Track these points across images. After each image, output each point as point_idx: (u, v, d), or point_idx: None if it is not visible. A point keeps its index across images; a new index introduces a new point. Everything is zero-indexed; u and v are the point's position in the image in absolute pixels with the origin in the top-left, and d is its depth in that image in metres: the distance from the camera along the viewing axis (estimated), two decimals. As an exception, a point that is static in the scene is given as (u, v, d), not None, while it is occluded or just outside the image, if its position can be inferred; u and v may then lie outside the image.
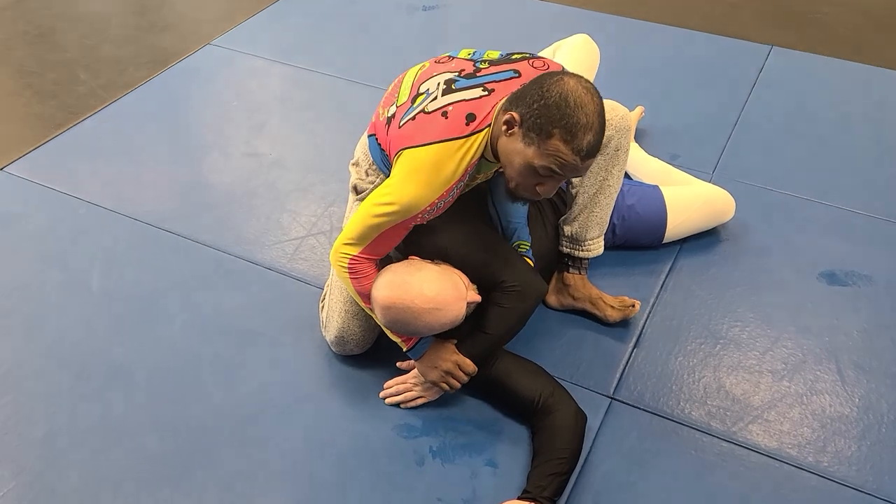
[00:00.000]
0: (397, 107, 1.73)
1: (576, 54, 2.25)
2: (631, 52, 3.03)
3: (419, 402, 1.79)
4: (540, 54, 2.38)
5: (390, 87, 1.85)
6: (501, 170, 1.66)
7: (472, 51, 1.78)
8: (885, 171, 2.47)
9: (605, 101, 1.87)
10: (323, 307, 1.93)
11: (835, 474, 1.67)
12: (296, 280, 2.12)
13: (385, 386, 1.83)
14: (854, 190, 2.39)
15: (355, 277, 1.68)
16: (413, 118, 1.65)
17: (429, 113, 1.63)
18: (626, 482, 1.66)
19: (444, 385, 1.74)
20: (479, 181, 1.79)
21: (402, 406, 1.80)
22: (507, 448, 1.73)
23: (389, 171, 1.82)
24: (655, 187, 2.13)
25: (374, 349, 1.89)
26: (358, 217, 1.67)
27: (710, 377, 1.87)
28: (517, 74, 1.66)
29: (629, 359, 1.91)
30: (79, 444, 1.75)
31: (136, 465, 1.71)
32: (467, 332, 1.75)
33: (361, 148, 1.98)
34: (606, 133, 1.81)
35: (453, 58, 1.76)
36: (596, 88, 1.51)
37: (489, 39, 3.14)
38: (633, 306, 1.94)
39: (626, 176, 2.36)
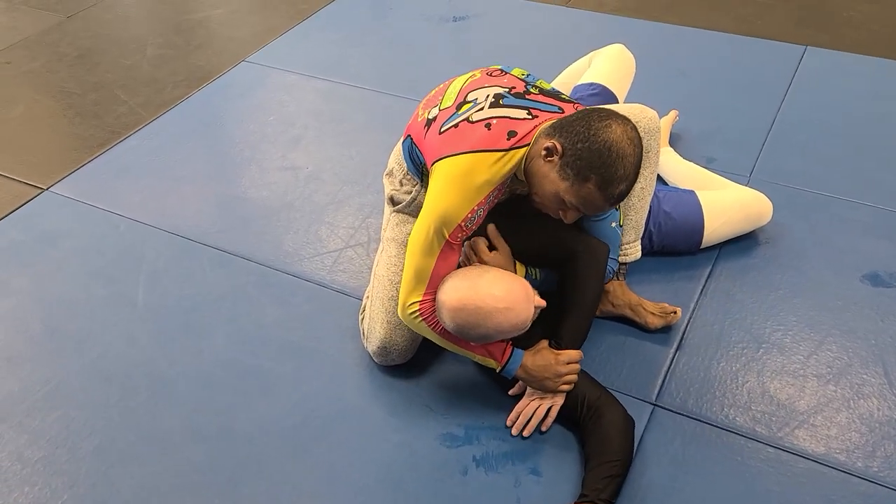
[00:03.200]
0: (440, 110, 1.75)
1: (611, 64, 2.25)
2: (663, 56, 3.02)
3: (554, 411, 1.75)
4: (575, 63, 2.40)
5: (434, 91, 1.86)
6: (525, 190, 1.67)
7: (525, 72, 1.80)
8: (926, 169, 2.43)
9: (632, 104, 1.88)
10: (363, 318, 1.95)
11: (885, 479, 1.64)
12: (335, 292, 2.14)
13: (509, 422, 1.77)
14: (894, 189, 2.35)
15: (429, 321, 1.68)
16: (456, 125, 1.67)
17: (473, 122, 1.65)
18: (671, 489, 1.65)
19: (564, 387, 1.72)
20: (503, 197, 1.79)
21: (543, 429, 1.75)
22: (550, 456, 1.72)
23: (421, 175, 1.83)
24: (691, 192, 2.12)
25: (415, 359, 1.90)
26: (407, 261, 1.68)
27: (753, 382, 1.85)
28: (561, 111, 1.68)
29: (671, 365, 1.90)
30: (128, 456, 1.78)
31: (184, 476, 1.73)
32: (539, 333, 1.75)
33: (395, 157, 2.00)
34: None
35: (506, 73, 1.78)
36: (639, 135, 1.57)
37: (521, 48, 3.16)
38: (675, 313, 1.93)
39: (662, 181, 2.35)
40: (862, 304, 2.02)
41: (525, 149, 1.62)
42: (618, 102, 2.23)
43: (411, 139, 1.84)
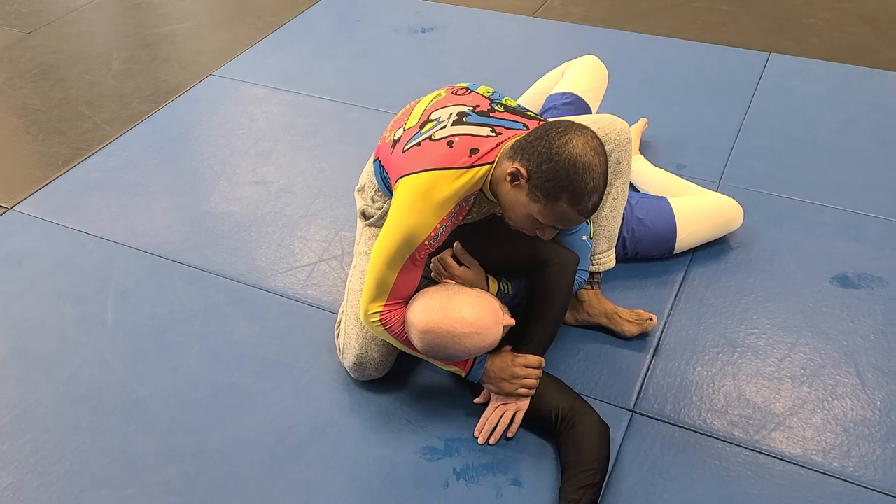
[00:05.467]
0: (404, 130, 1.75)
1: (585, 75, 2.27)
2: (631, 64, 3.05)
3: (518, 416, 1.75)
4: (548, 74, 2.41)
5: (400, 112, 1.86)
6: (499, 211, 1.67)
7: (491, 90, 1.80)
8: (889, 172, 2.48)
9: (603, 114, 1.89)
10: (339, 332, 1.93)
11: (861, 479, 1.66)
12: (310, 306, 2.12)
13: (476, 431, 1.77)
14: (860, 192, 2.40)
15: (391, 329, 1.69)
16: (418, 144, 1.67)
17: (435, 140, 1.65)
18: (651, 495, 1.65)
19: (522, 391, 1.73)
20: (472, 218, 1.78)
21: (508, 435, 1.76)
22: (531, 465, 1.72)
23: (392, 194, 1.83)
24: (663, 198, 2.14)
25: (392, 372, 1.89)
26: (369, 270, 1.68)
27: (729, 386, 1.87)
28: (525, 128, 1.68)
29: (648, 371, 1.91)
30: (101, 480, 1.74)
31: (158, 498, 1.70)
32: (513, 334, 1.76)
33: (367, 174, 2.00)
34: (606, 147, 1.82)
35: (471, 91, 1.78)
36: (600, 142, 1.56)
37: (490, 59, 3.17)
38: (651, 320, 1.94)
39: (634, 188, 2.37)
40: (832, 306, 2.05)
41: (488, 167, 1.61)
42: (591, 112, 2.25)
43: (379, 161, 1.84)
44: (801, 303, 2.06)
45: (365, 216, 1.98)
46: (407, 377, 1.91)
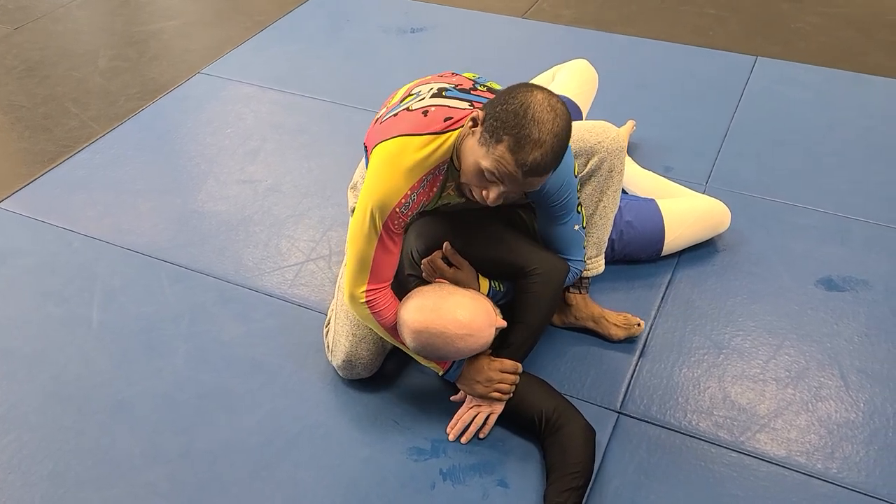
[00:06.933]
0: (386, 109, 1.74)
1: (575, 79, 2.28)
2: (619, 67, 3.06)
3: (492, 419, 1.76)
4: (538, 77, 2.41)
5: (388, 98, 1.86)
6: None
7: (477, 75, 1.79)
8: (874, 176, 2.50)
9: (597, 122, 1.89)
10: (328, 332, 1.93)
11: (844, 480, 1.68)
12: (297, 306, 2.12)
13: (448, 428, 1.78)
14: (846, 196, 2.42)
15: (377, 312, 1.68)
16: (395, 114, 1.66)
17: (412, 110, 1.63)
18: (637, 496, 1.66)
19: (495, 394, 1.73)
20: (450, 200, 1.74)
21: (480, 436, 1.76)
22: (517, 467, 1.72)
23: None
24: (652, 201, 2.15)
25: (380, 372, 1.89)
26: (348, 251, 1.67)
27: (715, 387, 1.88)
28: None
29: (634, 373, 1.91)
30: (85, 480, 1.73)
31: (144, 499, 1.69)
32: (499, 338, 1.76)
33: (360, 171, 2.00)
34: (598, 155, 1.82)
35: (457, 74, 1.77)
36: (566, 111, 1.47)
37: (479, 59, 3.17)
38: (639, 325, 1.95)
39: (622, 191, 2.37)
40: (817, 309, 2.06)
41: (459, 131, 1.58)
42: (582, 115, 2.26)
43: (365, 147, 1.83)
44: (786, 305, 2.08)
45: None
46: (394, 378, 1.91)
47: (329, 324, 1.93)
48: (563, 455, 1.65)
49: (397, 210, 1.59)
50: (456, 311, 1.62)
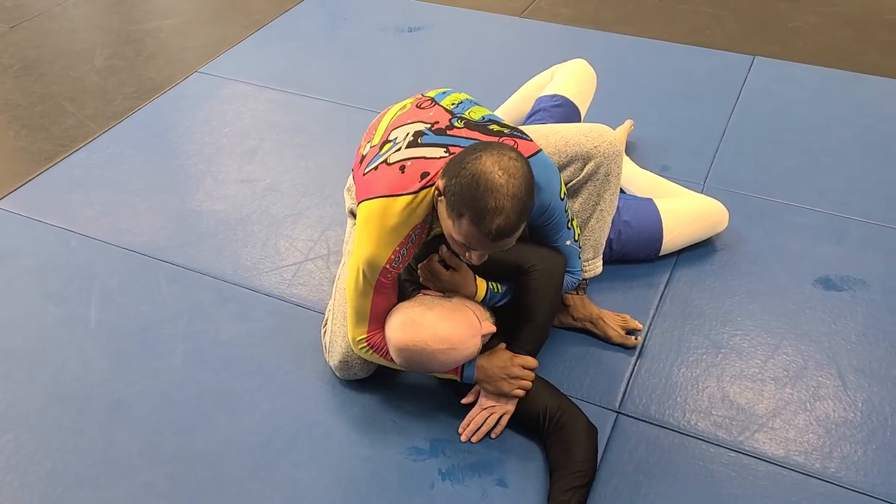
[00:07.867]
0: (370, 147, 1.76)
1: (574, 78, 2.27)
2: (617, 66, 3.06)
3: (504, 419, 1.77)
4: (537, 77, 2.41)
5: (372, 122, 1.86)
6: None
7: (458, 100, 1.77)
8: (872, 175, 2.51)
9: (594, 125, 1.89)
10: (325, 332, 1.93)
11: (843, 480, 1.68)
12: (295, 306, 2.12)
13: (460, 429, 1.78)
14: (844, 195, 2.42)
15: (380, 352, 1.73)
16: (375, 168, 1.67)
17: (389, 164, 1.64)
18: (636, 496, 1.66)
19: (518, 391, 1.73)
20: (438, 231, 1.74)
21: (492, 436, 1.77)
22: (516, 467, 1.72)
23: None
24: (650, 201, 2.15)
25: (378, 373, 1.89)
26: (347, 300, 1.71)
27: (713, 387, 1.88)
28: None
29: (633, 372, 1.92)
30: (83, 480, 1.73)
31: (142, 499, 1.69)
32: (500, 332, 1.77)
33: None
34: (594, 160, 1.82)
35: (436, 104, 1.75)
36: (520, 166, 1.45)
37: (476, 58, 3.17)
38: (635, 338, 1.96)
39: (620, 190, 2.37)
40: (815, 308, 2.07)
41: (433, 187, 1.59)
42: (580, 115, 2.25)
43: (352, 174, 1.84)
44: (784, 305, 2.08)
45: (353, 215, 1.97)
46: (392, 378, 1.91)
47: (326, 324, 1.93)
48: (566, 453, 1.66)
49: (388, 266, 1.63)
50: (436, 326, 1.63)
